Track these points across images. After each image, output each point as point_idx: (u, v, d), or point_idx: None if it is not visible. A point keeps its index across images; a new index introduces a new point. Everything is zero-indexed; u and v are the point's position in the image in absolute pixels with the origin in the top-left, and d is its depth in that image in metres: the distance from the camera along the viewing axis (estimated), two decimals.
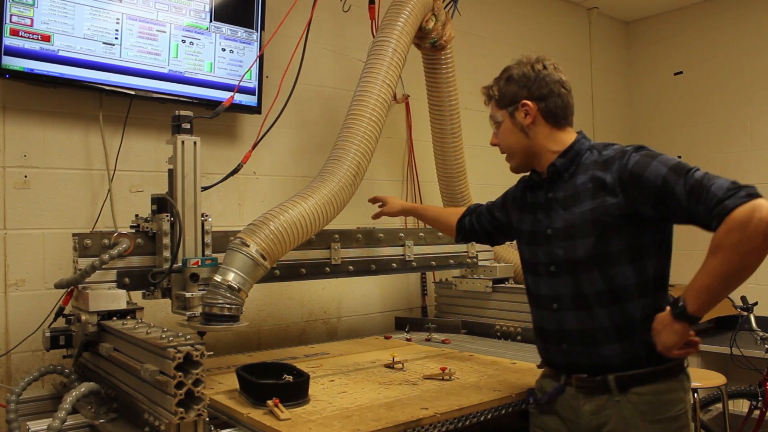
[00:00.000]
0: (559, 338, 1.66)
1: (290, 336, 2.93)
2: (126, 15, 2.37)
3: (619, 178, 1.55)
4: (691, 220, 1.46)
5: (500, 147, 1.78)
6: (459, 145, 3.04)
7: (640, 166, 1.52)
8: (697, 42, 4.66)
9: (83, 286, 1.85)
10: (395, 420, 1.54)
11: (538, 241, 1.72)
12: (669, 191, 1.46)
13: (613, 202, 1.55)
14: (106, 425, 1.59)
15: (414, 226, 3.36)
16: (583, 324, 1.61)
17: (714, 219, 1.38)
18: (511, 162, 1.77)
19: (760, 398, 3.30)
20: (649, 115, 4.96)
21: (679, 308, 1.46)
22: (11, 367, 2.22)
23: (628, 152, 1.58)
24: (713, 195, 1.38)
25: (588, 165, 1.64)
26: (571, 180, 1.66)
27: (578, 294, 1.61)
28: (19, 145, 2.28)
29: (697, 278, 1.43)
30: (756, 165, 4.35)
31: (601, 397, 1.58)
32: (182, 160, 1.98)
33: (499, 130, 1.76)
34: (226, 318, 1.80)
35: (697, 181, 1.42)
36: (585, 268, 1.59)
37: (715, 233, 1.38)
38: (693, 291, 1.44)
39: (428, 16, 2.70)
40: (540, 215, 1.73)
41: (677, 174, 1.46)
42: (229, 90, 2.52)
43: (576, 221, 1.61)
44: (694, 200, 1.42)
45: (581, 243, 1.59)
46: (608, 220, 1.55)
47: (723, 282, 1.40)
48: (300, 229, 2.00)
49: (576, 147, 1.68)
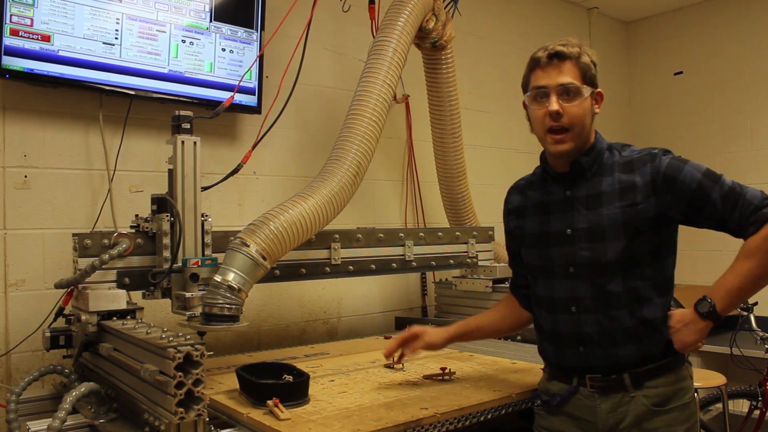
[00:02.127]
0: (577, 341, 1.64)
1: (290, 336, 2.93)
2: (126, 15, 2.37)
3: (652, 180, 1.55)
4: (722, 225, 1.52)
5: (571, 119, 1.58)
6: (459, 145, 3.04)
7: (674, 169, 1.54)
8: (697, 42, 4.66)
9: (83, 286, 1.85)
10: (395, 420, 1.54)
11: (552, 241, 1.67)
12: (704, 196, 1.50)
13: (643, 205, 1.55)
14: (106, 425, 1.59)
15: (414, 225, 3.37)
16: (602, 326, 1.60)
17: (751, 225, 1.47)
18: (571, 143, 1.60)
19: (760, 398, 3.30)
20: (649, 115, 4.95)
21: (709, 307, 1.51)
22: (11, 367, 2.22)
23: (657, 155, 1.58)
24: (749, 203, 1.48)
25: (611, 165, 1.62)
26: (593, 180, 1.63)
27: (600, 296, 1.59)
28: (19, 145, 2.28)
29: (728, 279, 1.51)
30: (756, 165, 4.35)
31: (617, 395, 1.59)
32: (182, 160, 1.98)
33: (576, 102, 1.58)
34: (226, 318, 1.80)
35: (731, 189, 1.50)
36: (611, 270, 1.58)
37: (751, 238, 1.47)
38: (722, 291, 1.51)
39: (428, 16, 2.70)
40: (555, 214, 1.68)
41: (711, 180, 1.51)
42: (229, 90, 2.52)
43: (604, 222, 1.58)
44: (730, 207, 1.49)
45: (611, 245, 1.57)
46: (638, 223, 1.55)
47: (754, 284, 1.49)
48: (300, 229, 2.00)
49: (598, 146, 1.66)
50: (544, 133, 1.62)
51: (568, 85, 1.58)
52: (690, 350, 1.59)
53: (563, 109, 1.57)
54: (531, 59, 1.64)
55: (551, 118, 1.58)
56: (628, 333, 1.58)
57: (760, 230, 1.47)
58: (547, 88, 1.59)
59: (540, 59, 1.61)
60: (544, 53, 1.60)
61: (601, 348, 1.60)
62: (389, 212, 3.37)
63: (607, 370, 1.60)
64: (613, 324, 1.58)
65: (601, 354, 1.60)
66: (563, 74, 1.58)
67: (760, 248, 1.46)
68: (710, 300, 1.52)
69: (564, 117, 1.58)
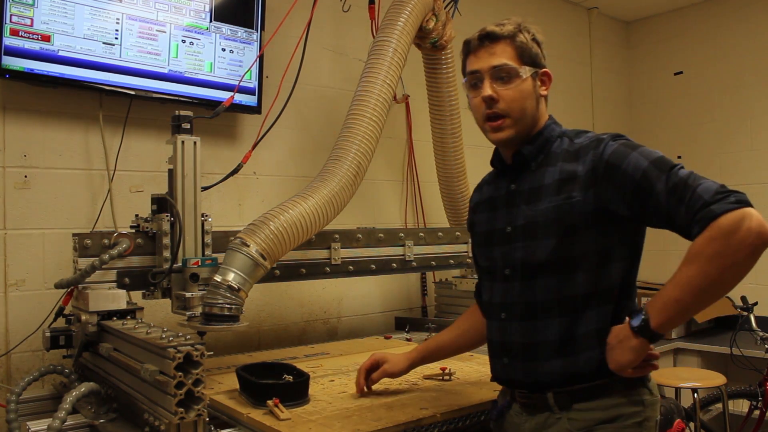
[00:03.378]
0: (502, 351, 1.50)
1: (290, 336, 2.93)
2: (126, 15, 2.37)
3: (592, 169, 1.36)
4: (668, 223, 1.29)
5: (507, 104, 1.44)
6: (459, 145, 3.04)
7: (618, 156, 1.34)
8: (697, 42, 4.66)
9: (83, 286, 1.85)
10: (395, 420, 1.54)
11: (494, 240, 1.52)
12: (648, 187, 1.29)
13: (579, 199, 1.37)
14: (106, 425, 1.59)
15: (414, 225, 3.37)
16: (526, 337, 1.44)
17: (696, 224, 1.22)
18: (510, 131, 1.46)
19: (760, 398, 3.30)
20: (649, 115, 4.95)
21: (641, 322, 1.29)
22: (11, 367, 2.22)
23: (604, 140, 1.39)
24: (698, 197, 1.22)
25: (558, 155, 1.45)
26: (538, 171, 1.46)
27: (529, 302, 1.43)
28: (19, 145, 2.28)
29: (667, 290, 1.26)
30: (756, 165, 4.35)
31: (542, 415, 1.43)
32: (182, 160, 1.98)
33: (512, 85, 1.44)
34: (226, 318, 1.80)
35: (681, 180, 1.26)
36: (542, 274, 1.41)
37: (695, 240, 1.23)
38: (659, 303, 1.28)
39: (428, 16, 2.70)
40: (500, 211, 1.53)
41: (659, 169, 1.29)
42: (229, 90, 2.52)
43: (538, 219, 1.41)
44: (676, 201, 1.25)
45: (541, 245, 1.40)
46: (573, 219, 1.37)
47: (696, 296, 1.23)
48: (300, 229, 2.00)
49: (546, 133, 1.49)
50: (483, 121, 1.49)
51: (500, 67, 1.43)
52: (629, 374, 1.34)
53: (498, 93, 1.44)
54: (464, 43, 1.52)
55: (486, 104, 1.45)
56: (553, 347, 1.40)
57: (703, 230, 1.20)
58: (480, 72, 1.46)
59: (471, 42, 1.49)
60: (476, 35, 1.48)
61: (522, 361, 1.45)
62: (389, 212, 3.37)
63: (531, 387, 1.45)
64: (538, 335, 1.42)
65: (522, 368, 1.45)
66: (495, 56, 1.44)
67: (702, 252, 1.20)
68: (645, 313, 1.29)
69: (500, 102, 1.44)
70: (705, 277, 1.21)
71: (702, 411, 3.25)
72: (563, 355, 1.39)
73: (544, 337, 1.41)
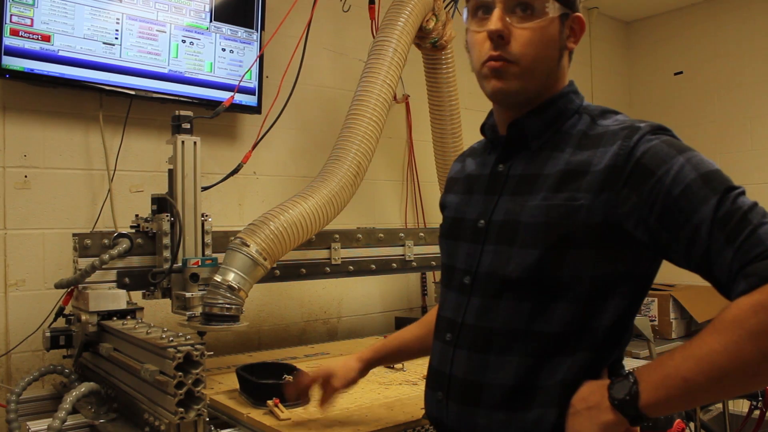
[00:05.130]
0: (437, 382, 1.15)
1: (290, 336, 2.93)
2: (126, 15, 2.37)
3: (614, 166, 0.99)
4: (702, 265, 0.91)
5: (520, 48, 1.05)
6: (459, 145, 3.04)
7: (656, 157, 0.97)
8: (697, 42, 4.66)
9: (83, 286, 1.85)
10: (395, 420, 1.54)
11: (462, 233, 1.15)
12: (687, 210, 0.91)
13: (584, 203, 0.99)
14: (106, 425, 1.59)
15: (414, 225, 3.37)
16: (470, 372, 1.07)
17: (745, 279, 0.85)
18: (515, 81, 1.08)
19: (760, 398, 3.30)
20: (649, 115, 4.95)
21: (625, 395, 0.91)
22: (11, 367, 2.22)
23: (639, 130, 1.01)
24: (758, 242, 0.85)
25: (571, 137, 1.08)
26: (540, 153, 1.09)
27: (485, 328, 1.06)
28: (19, 145, 2.28)
29: (674, 359, 0.89)
30: (756, 165, 4.35)
31: None
32: (182, 160, 1.98)
33: (532, 23, 1.05)
34: (226, 318, 1.80)
35: (739, 211, 0.88)
36: (511, 293, 1.04)
37: (736, 302, 0.86)
38: (658, 375, 0.90)
39: (429, 16, 2.70)
40: (475, 196, 1.16)
41: (710, 188, 0.91)
42: (229, 90, 2.52)
43: (522, 218, 1.05)
44: (723, 238, 0.88)
45: (519, 254, 1.03)
46: (570, 229, 1.00)
47: (714, 380, 0.85)
48: (300, 229, 2.00)
49: (560, 103, 1.12)
50: (481, 64, 1.10)
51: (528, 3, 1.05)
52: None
53: (509, 30, 1.05)
54: None
55: (492, 42, 1.06)
56: (502, 394, 1.03)
57: (753, 290, 0.84)
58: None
59: None
60: None
61: (458, 403, 1.09)
62: (389, 212, 3.37)
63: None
64: (487, 375, 1.05)
65: (456, 412, 1.09)
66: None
67: (741, 322, 0.83)
68: (634, 381, 0.91)
69: (511, 43, 1.05)
70: (736, 358, 0.83)
71: (702, 411, 3.25)
72: (512, 408, 1.03)
73: (494, 379, 1.04)
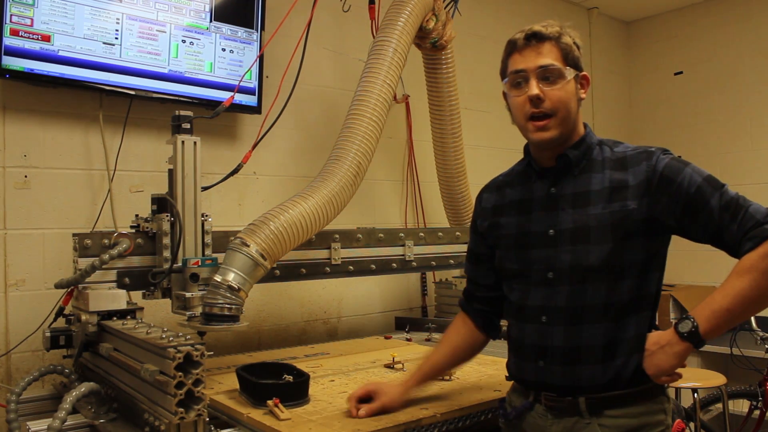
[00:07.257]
0: (538, 355, 1.49)
1: (290, 336, 2.93)
2: (126, 15, 2.37)
3: (647, 180, 1.41)
4: (717, 237, 1.37)
5: (554, 104, 1.45)
6: (459, 145, 3.04)
7: (672, 170, 1.40)
8: (697, 42, 4.67)
9: (83, 286, 1.85)
10: (395, 420, 1.54)
11: (533, 242, 1.51)
12: (702, 202, 1.36)
13: (634, 207, 1.41)
14: (106, 425, 1.59)
15: (414, 225, 3.37)
16: (569, 341, 1.44)
17: (749, 240, 1.32)
18: (555, 130, 1.46)
19: (760, 398, 3.30)
20: (649, 115, 4.96)
21: (691, 328, 1.34)
22: (11, 367, 2.22)
23: (654, 153, 1.44)
24: (751, 216, 1.33)
25: (602, 162, 1.48)
26: (581, 176, 1.48)
27: (576, 306, 1.44)
28: (19, 145, 2.28)
29: (716, 299, 1.34)
30: (756, 165, 4.35)
31: (571, 419, 1.43)
32: (182, 160, 1.98)
33: (558, 86, 1.45)
34: (226, 318, 1.80)
35: (733, 199, 1.35)
36: (592, 278, 1.43)
37: (747, 255, 1.32)
38: (708, 311, 1.34)
39: (429, 16, 2.70)
40: (537, 213, 1.52)
41: (712, 186, 1.37)
42: (229, 90, 2.52)
43: (591, 223, 1.43)
44: (729, 218, 1.34)
45: (596, 249, 1.42)
46: (628, 226, 1.41)
47: (745, 306, 1.32)
48: (300, 229, 1.99)
49: (588, 140, 1.52)
50: (525, 120, 1.48)
51: (548, 67, 1.45)
52: (665, 378, 1.39)
53: (544, 93, 1.44)
54: (508, 43, 1.52)
55: (531, 104, 1.45)
56: (596, 352, 1.42)
57: (758, 247, 1.31)
58: (526, 72, 1.46)
59: (517, 41, 1.49)
60: (521, 35, 1.49)
61: (561, 365, 1.45)
62: (389, 212, 3.37)
63: (564, 391, 1.44)
64: (582, 340, 1.43)
65: (561, 372, 1.45)
66: (542, 56, 1.46)
67: (755, 266, 1.30)
68: (693, 320, 1.35)
69: (546, 102, 1.44)
70: (757, 290, 1.31)
71: (702, 411, 3.25)
72: (605, 360, 1.41)
73: (589, 342, 1.42)
